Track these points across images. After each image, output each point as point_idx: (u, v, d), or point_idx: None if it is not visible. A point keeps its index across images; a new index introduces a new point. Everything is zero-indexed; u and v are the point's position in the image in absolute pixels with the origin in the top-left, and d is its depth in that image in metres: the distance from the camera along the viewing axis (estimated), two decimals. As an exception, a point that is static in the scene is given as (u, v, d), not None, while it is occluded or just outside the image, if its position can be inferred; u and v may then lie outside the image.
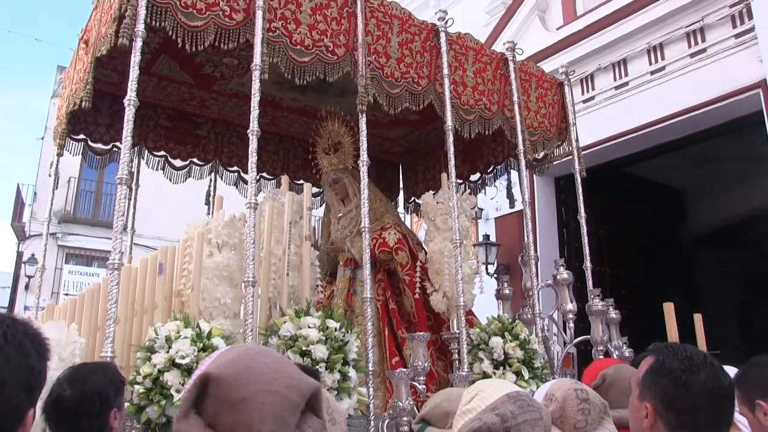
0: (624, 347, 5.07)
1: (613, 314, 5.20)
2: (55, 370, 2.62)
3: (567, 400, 2.00)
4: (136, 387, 3.08)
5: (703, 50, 8.06)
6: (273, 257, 4.03)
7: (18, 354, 1.20)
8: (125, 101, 3.53)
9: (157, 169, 6.00)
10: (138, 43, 3.58)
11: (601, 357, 4.94)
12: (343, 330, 3.62)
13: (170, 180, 6.13)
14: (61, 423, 2.35)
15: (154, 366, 3.09)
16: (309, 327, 3.51)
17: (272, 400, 1.27)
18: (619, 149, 9.11)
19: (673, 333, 4.84)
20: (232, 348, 1.42)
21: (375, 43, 4.51)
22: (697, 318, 5.04)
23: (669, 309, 4.93)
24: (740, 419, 2.40)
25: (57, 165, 5.13)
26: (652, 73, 8.61)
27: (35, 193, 19.58)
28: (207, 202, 6.19)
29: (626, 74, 8.95)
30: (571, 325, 5.18)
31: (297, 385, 1.33)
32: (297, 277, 4.04)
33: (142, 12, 3.57)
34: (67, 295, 16.31)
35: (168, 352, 3.12)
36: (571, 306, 5.17)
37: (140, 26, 3.57)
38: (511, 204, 6.42)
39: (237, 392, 1.26)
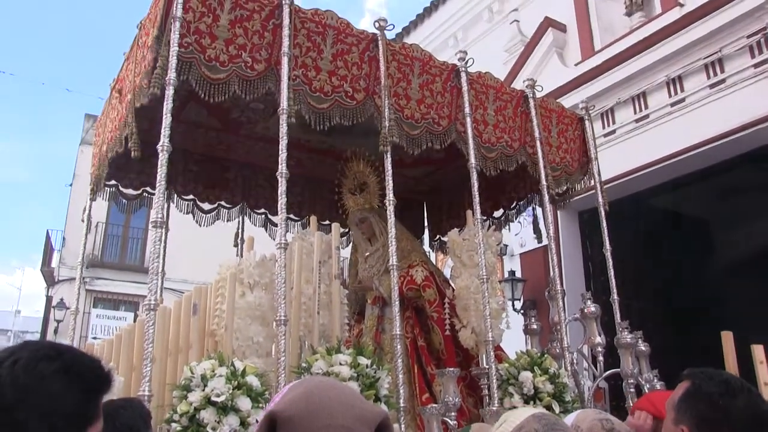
0: (655, 380, 5.02)
1: (643, 347, 5.16)
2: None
3: (593, 431, 2.02)
4: (173, 425, 3.13)
5: (723, 81, 8.10)
6: (303, 296, 4.10)
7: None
8: (159, 147, 3.61)
9: (186, 213, 6.10)
10: (170, 91, 3.66)
11: (632, 390, 4.90)
12: (374, 366, 3.65)
13: (198, 223, 6.24)
14: None
15: (190, 404, 3.14)
16: (341, 364, 3.55)
17: None
18: (643, 181, 9.11)
19: (731, 362, 4.64)
20: (299, 383, 1.42)
21: (395, 86, 4.55)
22: (758, 348, 4.76)
23: (727, 337, 4.66)
24: None
25: (90, 210, 5.26)
26: (672, 105, 8.65)
27: (64, 239, 19.92)
28: (236, 244, 6.26)
29: (646, 107, 8.99)
30: (601, 358, 5.16)
31: (362, 415, 1.33)
32: (327, 316, 4.10)
33: (173, 61, 3.66)
34: (95, 338, 16.44)
35: (204, 390, 3.17)
36: (599, 339, 5.16)
37: (172, 74, 3.66)
38: (539, 239, 6.43)
39: (305, 430, 1.26)
